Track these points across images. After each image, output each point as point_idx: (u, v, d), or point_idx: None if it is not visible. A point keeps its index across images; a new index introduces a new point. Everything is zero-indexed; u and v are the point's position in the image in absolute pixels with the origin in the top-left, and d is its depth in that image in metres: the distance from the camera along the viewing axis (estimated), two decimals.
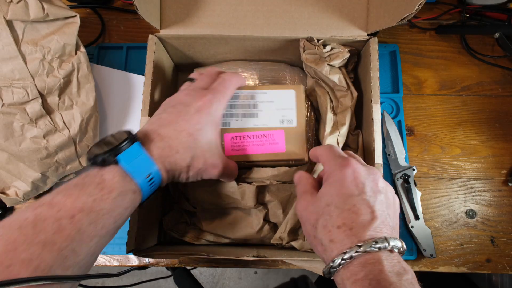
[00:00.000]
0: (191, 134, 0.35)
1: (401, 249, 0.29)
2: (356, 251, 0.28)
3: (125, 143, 0.32)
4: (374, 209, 0.30)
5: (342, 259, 0.28)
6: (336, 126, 0.47)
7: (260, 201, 0.49)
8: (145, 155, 0.33)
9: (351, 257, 0.28)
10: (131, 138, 0.33)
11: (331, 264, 0.29)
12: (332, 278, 0.30)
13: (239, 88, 0.45)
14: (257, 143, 0.43)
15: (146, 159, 0.33)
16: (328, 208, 0.31)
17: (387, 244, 0.28)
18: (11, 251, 0.25)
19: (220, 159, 0.39)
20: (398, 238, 0.30)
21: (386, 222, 0.30)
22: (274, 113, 0.44)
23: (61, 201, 0.29)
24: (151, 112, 0.45)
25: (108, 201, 0.30)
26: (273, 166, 0.45)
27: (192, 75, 0.43)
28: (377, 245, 0.28)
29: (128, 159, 0.32)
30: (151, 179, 0.33)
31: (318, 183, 0.36)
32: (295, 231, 0.47)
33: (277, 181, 0.50)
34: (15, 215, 0.28)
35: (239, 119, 0.45)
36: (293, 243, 0.46)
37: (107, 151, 0.31)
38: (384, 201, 0.32)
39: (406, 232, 0.53)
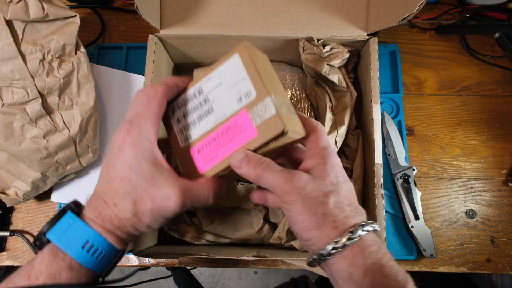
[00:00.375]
0: (123, 179, 0.30)
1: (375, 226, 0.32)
2: (363, 229, 0.29)
3: (55, 218, 0.30)
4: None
5: (362, 230, 0.29)
6: (334, 126, 0.47)
7: None
8: (79, 223, 0.29)
9: (368, 230, 0.29)
10: (62, 210, 0.30)
11: (351, 232, 0.29)
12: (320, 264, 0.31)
13: (185, 90, 0.36)
14: (225, 142, 0.33)
15: (80, 227, 0.29)
16: (335, 186, 0.31)
17: (375, 225, 0.31)
18: None
19: (173, 186, 0.31)
20: None
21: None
22: (228, 96, 0.33)
23: None
24: None
25: None
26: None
27: None
28: (367, 228, 0.30)
29: (58, 233, 0.29)
30: (92, 247, 0.29)
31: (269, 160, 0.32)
32: None
33: None
34: None
35: (197, 126, 0.35)
36: (292, 243, 0.46)
37: (39, 233, 0.29)
38: None
39: (406, 232, 0.53)
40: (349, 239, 0.28)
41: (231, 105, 0.33)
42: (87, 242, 0.29)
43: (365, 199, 0.46)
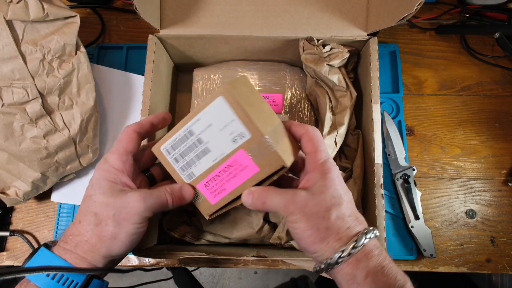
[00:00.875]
0: (85, 197, 0.34)
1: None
2: (365, 238, 0.31)
3: (31, 255, 0.32)
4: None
5: (365, 238, 0.31)
6: (334, 126, 0.47)
7: None
8: (47, 253, 0.31)
9: (362, 245, 0.31)
10: (38, 247, 0.33)
11: (356, 240, 0.31)
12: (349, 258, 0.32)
13: (174, 131, 0.36)
14: (229, 177, 0.35)
15: (47, 257, 0.31)
16: (336, 199, 0.32)
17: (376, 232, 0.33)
18: None
19: (132, 192, 0.34)
20: None
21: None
22: (221, 137, 0.34)
23: None
24: (151, 112, 0.45)
25: None
26: None
27: None
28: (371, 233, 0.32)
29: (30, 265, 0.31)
30: (56, 275, 0.31)
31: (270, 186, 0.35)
32: None
33: None
34: None
35: (197, 164, 0.36)
36: (292, 243, 0.46)
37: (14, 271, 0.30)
38: None
39: (406, 232, 0.53)
40: (353, 247, 0.30)
41: (226, 145, 0.34)
42: (49, 270, 0.31)
43: (365, 199, 0.46)
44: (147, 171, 0.40)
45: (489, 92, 0.60)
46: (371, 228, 0.32)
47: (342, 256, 0.30)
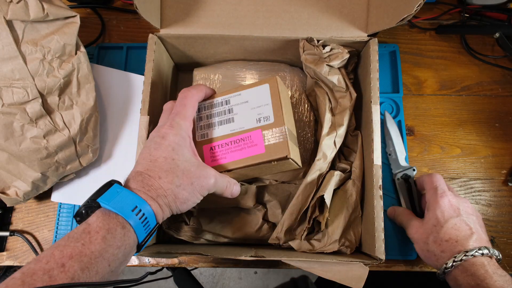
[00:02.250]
0: (166, 158, 0.35)
1: (498, 257, 0.41)
2: (465, 255, 0.40)
3: (103, 188, 0.32)
4: (471, 226, 0.42)
5: (454, 262, 0.40)
6: (333, 127, 0.47)
7: (259, 201, 0.50)
8: (125, 191, 0.33)
9: (461, 260, 0.40)
10: (109, 183, 0.33)
11: (445, 266, 0.41)
12: (444, 278, 0.43)
13: (214, 96, 0.43)
14: (235, 149, 0.40)
15: (127, 194, 0.32)
16: (435, 227, 0.43)
17: (487, 251, 0.40)
18: None
19: (210, 169, 0.38)
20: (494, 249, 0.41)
21: (481, 237, 0.42)
22: (250, 113, 0.41)
23: (49, 254, 0.28)
24: (150, 112, 0.45)
25: (97, 241, 0.29)
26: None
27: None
28: (480, 251, 0.40)
29: (108, 199, 0.31)
30: (139, 212, 0.32)
31: (410, 211, 0.50)
32: (292, 231, 0.47)
33: (276, 180, 0.50)
34: (3, 282, 0.27)
35: (216, 128, 0.42)
36: (291, 243, 0.46)
37: (87, 200, 0.32)
38: (477, 221, 0.44)
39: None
40: (445, 269, 0.41)
41: (250, 121, 0.40)
42: (135, 207, 0.32)
43: (364, 200, 0.47)
44: None
45: (489, 92, 0.60)
46: (474, 248, 0.40)
47: (439, 273, 0.43)
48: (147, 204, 0.33)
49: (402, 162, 0.55)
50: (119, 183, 0.34)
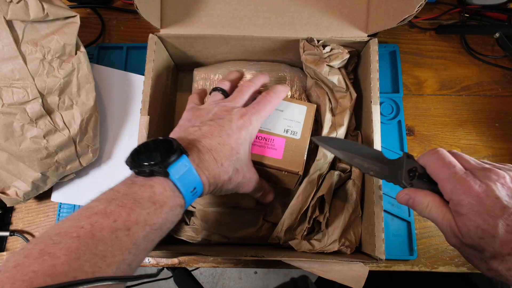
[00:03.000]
0: (233, 149, 0.36)
1: None
2: None
3: (173, 155, 0.31)
4: None
5: None
6: (334, 127, 0.47)
7: (259, 201, 0.49)
8: (192, 169, 0.33)
9: None
10: (179, 149, 0.32)
11: None
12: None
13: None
14: (256, 143, 0.42)
15: (193, 173, 0.33)
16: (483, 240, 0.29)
17: None
18: (74, 261, 0.24)
19: (255, 174, 0.40)
20: None
21: None
22: (281, 122, 0.44)
23: (116, 211, 0.28)
24: (150, 111, 0.45)
25: (161, 215, 0.30)
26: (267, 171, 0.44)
27: (221, 85, 0.44)
28: None
29: (177, 172, 0.31)
30: (195, 191, 0.33)
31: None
32: (292, 230, 0.47)
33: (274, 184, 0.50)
34: (68, 223, 0.27)
35: None
36: (291, 243, 0.46)
37: (156, 163, 0.31)
38: None
39: (406, 232, 0.53)
40: None
41: (278, 128, 0.44)
42: (194, 188, 0.33)
43: (364, 200, 0.46)
44: None
45: (489, 92, 0.60)
46: None
47: None
48: (203, 187, 0.34)
49: None
50: (185, 152, 0.33)
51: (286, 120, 0.44)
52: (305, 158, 0.42)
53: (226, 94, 0.43)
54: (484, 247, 0.29)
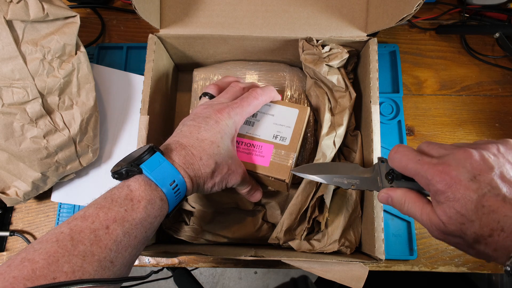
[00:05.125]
0: (213, 142, 0.36)
1: None
2: None
3: (146, 154, 0.33)
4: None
5: None
6: (333, 127, 0.47)
7: (258, 202, 0.49)
8: (167, 163, 0.33)
9: None
10: (151, 149, 0.34)
11: None
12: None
13: None
14: (243, 151, 0.42)
15: (168, 167, 0.33)
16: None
17: None
18: (53, 263, 0.26)
19: (241, 167, 0.40)
20: None
21: None
22: (270, 127, 0.43)
23: (94, 213, 0.29)
24: (150, 111, 0.45)
25: (139, 210, 0.31)
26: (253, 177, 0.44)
27: (208, 89, 0.44)
28: None
29: (151, 168, 0.32)
30: (176, 186, 0.33)
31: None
32: (291, 231, 0.47)
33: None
34: (50, 231, 0.28)
35: None
36: (290, 243, 0.46)
37: (129, 163, 0.32)
38: None
39: (406, 232, 0.53)
40: None
41: (267, 134, 0.43)
42: (173, 181, 0.33)
43: (364, 200, 0.46)
44: None
45: (489, 92, 0.60)
46: None
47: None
48: (185, 182, 0.34)
49: None
50: (159, 150, 0.34)
51: (276, 125, 0.43)
52: (292, 165, 0.41)
53: (213, 98, 0.43)
54: (465, 232, 0.28)
